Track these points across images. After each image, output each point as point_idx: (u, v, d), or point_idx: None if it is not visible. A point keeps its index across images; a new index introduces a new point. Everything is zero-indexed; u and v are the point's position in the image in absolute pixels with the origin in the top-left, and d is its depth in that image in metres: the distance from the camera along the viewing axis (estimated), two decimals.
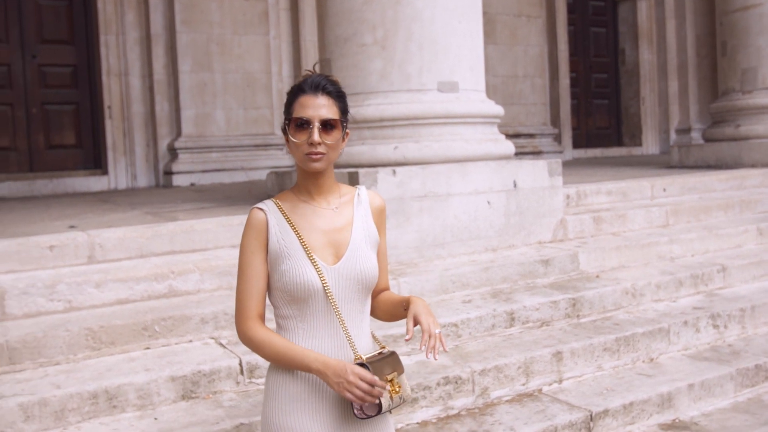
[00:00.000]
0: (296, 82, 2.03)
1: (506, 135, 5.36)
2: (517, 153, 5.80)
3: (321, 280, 1.95)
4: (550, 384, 3.73)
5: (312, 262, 1.96)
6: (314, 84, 1.98)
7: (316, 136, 1.93)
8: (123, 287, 3.74)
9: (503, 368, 3.59)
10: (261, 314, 2.01)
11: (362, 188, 2.13)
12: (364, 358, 1.92)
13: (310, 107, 1.95)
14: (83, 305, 3.64)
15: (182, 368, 3.21)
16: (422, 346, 1.92)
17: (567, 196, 5.52)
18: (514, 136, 10.27)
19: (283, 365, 1.97)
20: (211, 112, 9.00)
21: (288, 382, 1.98)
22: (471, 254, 4.67)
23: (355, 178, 4.34)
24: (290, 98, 2.01)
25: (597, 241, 5.14)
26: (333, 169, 2.07)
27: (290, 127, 1.98)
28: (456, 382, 3.44)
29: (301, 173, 2.04)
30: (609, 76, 13.16)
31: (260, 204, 2.04)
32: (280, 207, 2.02)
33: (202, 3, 8.86)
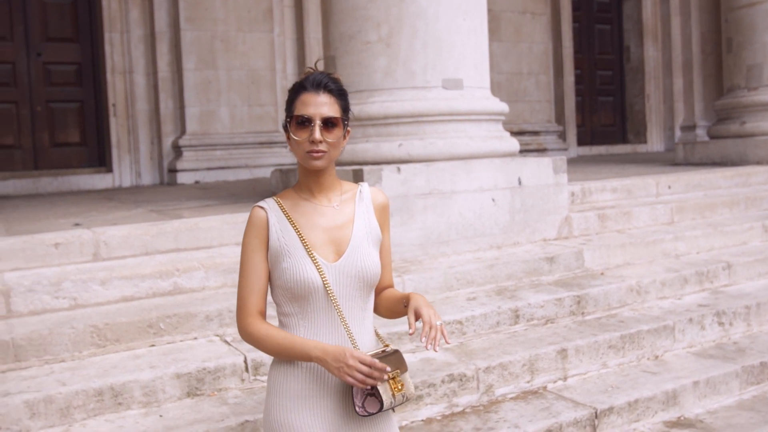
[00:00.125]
0: (298, 80, 2.03)
1: (511, 132, 5.35)
2: (522, 150, 5.80)
3: (321, 278, 1.96)
4: (555, 381, 3.72)
5: (312, 260, 1.96)
6: (316, 82, 1.97)
7: (318, 134, 1.93)
8: (128, 285, 3.75)
9: (508, 365, 3.59)
10: (261, 311, 2.01)
11: (364, 185, 2.13)
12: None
13: (312, 105, 1.95)
14: (88, 303, 3.65)
15: (187, 365, 3.21)
16: (422, 338, 1.91)
17: (572, 194, 5.51)
18: (519, 134, 10.26)
19: (285, 357, 1.98)
20: (216, 110, 9.00)
21: (290, 379, 1.98)
22: (476, 252, 4.67)
23: (360, 176, 4.34)
24: (292, 96, 2.01)
25: (602, 239, 5.14)
26: (334, 167, 2.07)
27: (291, 125, 1.98)
28: (461, 380, 3.44)
29: (302, 171, 2.04)
30: (614, 73, 13.12)
31: (261, 202, 2.04)
32: (281, 205, 2.02)
33: (207, 0, 8.86)
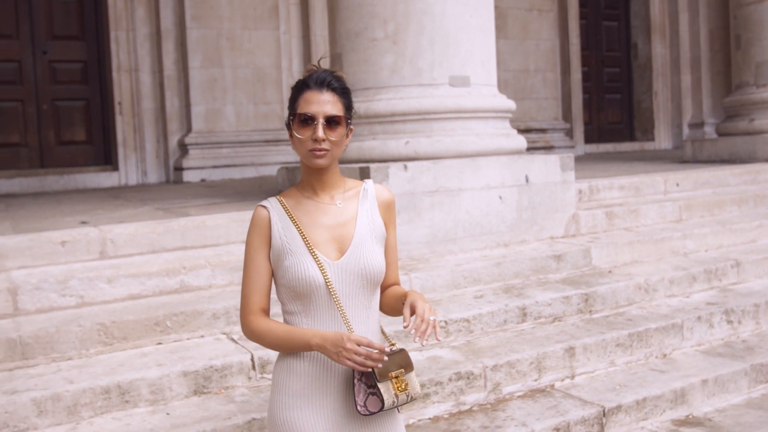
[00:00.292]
0: (301, 78, 2.02)
1: (518, 130, 5.34)
2: (529, 148, 5.78)
3: (323, 276, 1.95)
4: (563, 379, 3.71)
5: (314, 258, 1.95)
6: (319, 80, 1.96)
7: (321, 133, 1.92)
8: (135, 282, 3.75)
9: (515, 364, 3.58)
10: (264, 309, 2.01)
11: (369, 182, 2.12)
12: None
13: (315, 103, 1.94)
14: (95, 300, 3.66)
15: (194, 363, 3.21)
16: (412, 329, 1.88)
17: (579, 191, 5.49)
18: (526, 131, 10.23)
19: (287, 350, 1.97)
20: (222, 108, 9.01)
21: (293, 377, 1.98)
22: (483, 249, 4.66)
23: (367, 173, 4.33)
24: (295, 94, 2.00)
25: (609, 236, 5.12)
26: (337, 165, 2.06)
27: (294, 123, 1.96)
28: (468, 378, 3.43)
29: (305, 169, 2.03)
30: (621, 71, 13.07)
31: (264, 201, 2.04)
32: (284, 204, 2.02)
33: None
